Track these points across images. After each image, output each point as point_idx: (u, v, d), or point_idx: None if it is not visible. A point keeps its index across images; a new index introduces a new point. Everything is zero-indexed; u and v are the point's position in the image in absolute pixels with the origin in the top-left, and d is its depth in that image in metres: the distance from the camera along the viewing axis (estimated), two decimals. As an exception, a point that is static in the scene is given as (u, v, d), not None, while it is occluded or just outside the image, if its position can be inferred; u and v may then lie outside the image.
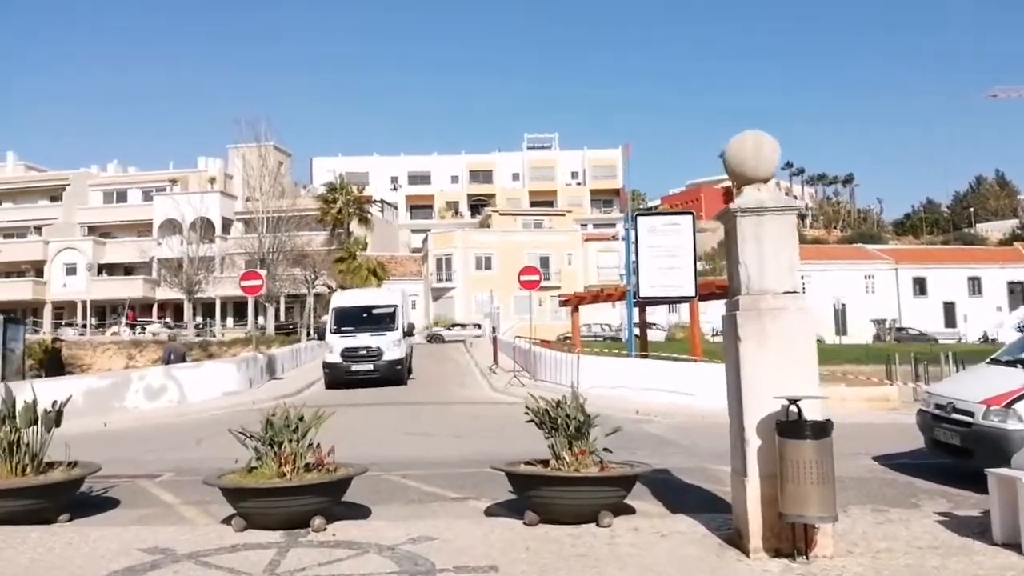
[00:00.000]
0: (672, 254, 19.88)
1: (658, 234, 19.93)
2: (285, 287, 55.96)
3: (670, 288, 19.89)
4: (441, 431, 14.50)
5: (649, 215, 20.16)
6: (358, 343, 23.45)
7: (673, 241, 19.91)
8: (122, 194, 74.16)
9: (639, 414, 16.74)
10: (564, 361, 19.53)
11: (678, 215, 20.16)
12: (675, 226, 19.98)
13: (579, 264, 65.05)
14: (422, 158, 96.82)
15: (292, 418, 7.29)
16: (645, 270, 19.86)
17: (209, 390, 19.71)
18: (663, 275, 19.87)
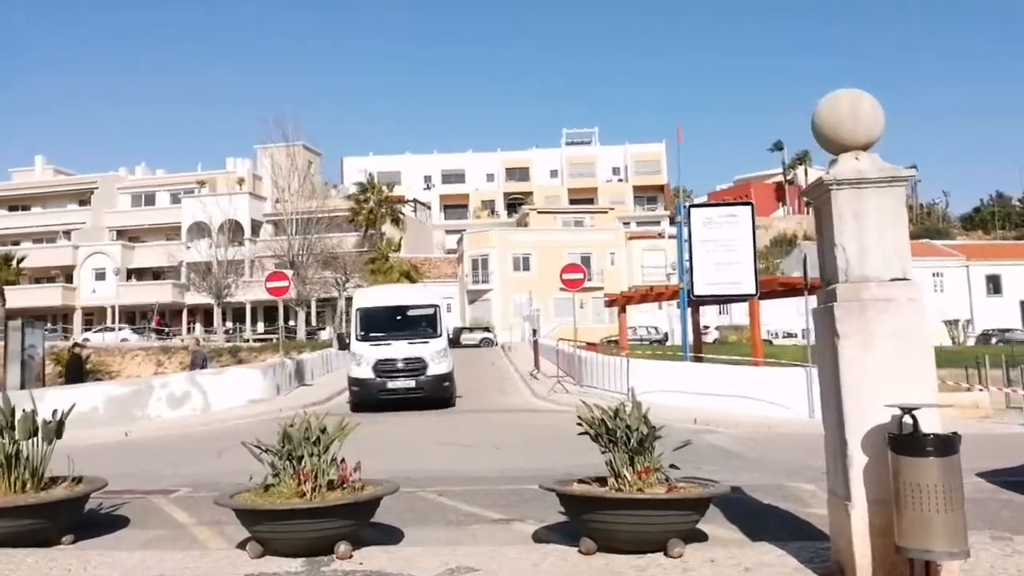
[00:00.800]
0: (729, 248, 19.03)
1: (714, 227, 19.08)
2: (316, 290, 55.78)
3: (728, 285, 19.04)
4: (480, 442, 13.78)
5: (703, 207, 19.25)
6: (395, 353, 19.18)
7: (730, 234, 19.06)
8: (150, 197, 74.78)
9: (698, 423, 15.88)
10: (612, 365, 18.72)
11: (736, 206, 19.28)
12: (732, 218, 19.12)
13: (623, 264, 64.01)
14: (456, 156, 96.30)
15: (313, 429, 6.60)
16: (700, 266, 19.01)
17: (234, 397, 19.23)
18: (720, 271, 19.03)
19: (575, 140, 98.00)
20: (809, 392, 16.56)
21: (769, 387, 17.04)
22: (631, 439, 6.48)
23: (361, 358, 19.44)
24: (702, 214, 19.21)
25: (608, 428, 6.58)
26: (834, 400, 5.51)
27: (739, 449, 12.67)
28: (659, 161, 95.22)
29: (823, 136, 5.78)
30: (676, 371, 18.40)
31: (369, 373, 19.09)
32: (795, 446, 13.27)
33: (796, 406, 16.63)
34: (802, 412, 16.55)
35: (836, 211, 5.61)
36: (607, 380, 18.96)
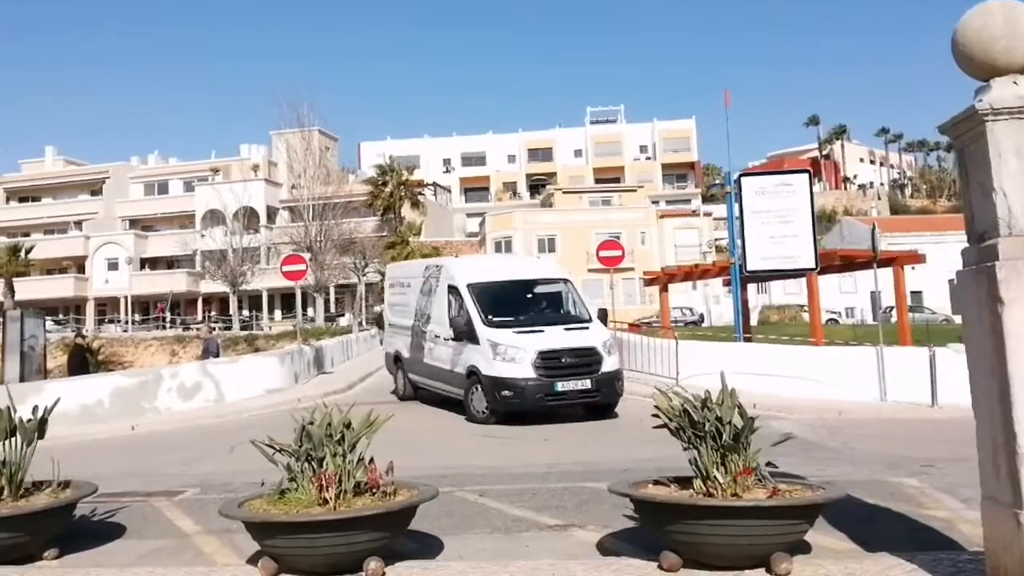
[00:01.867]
0: (785, 219, 17.88)
1: (767, 196, 17.93)
2: (334, 276, 55.03)
3: (784, 259, 17.90)
4: (523, 433, 12.76)
5: (755, 175, 18.10)
6: (558, 342, 14.39)
7: (785, 204, 17.91)
8: (163, 186, 74.39)
9: (758, 408, 14.75)
10: (658, 348, 17.61)
11: (791, 174, 18.13)
12: (787, 187, 17.96)
13: (654, 243, 62.55)
14: (476, 138, 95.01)
15: (336, 424, 5.61)
16: (753, 239, 17.86)
17: (249, 387, 18.36)
18: (775, 245, 17.89)
19: (600, 119, 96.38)
20: (880, 374, 15.43)
21: (833, 369, 15.89)
22: (723, 433, 5.43)
23: (509, 350, 14.15)
24: (754, 183, 18.03)
25: (694, 420, 5.54)
26: (996, 383, 4.43)
27: (815, 438, 11.56)
28: (688, 138, 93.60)
29: (969, 57, 4.68)
30: (729, 353, 17.22)
31: (529, 372, 13.91)
32: (878, 434, 12.19)
33: (865, 389, 15.50)
34: (872, 395, 15.43)
35: (993, 148, 4.52)
36: (652, 364, 17.87)
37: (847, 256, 19.78)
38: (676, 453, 11.39)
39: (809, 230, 17.84)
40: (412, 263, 25.22)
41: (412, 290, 17.65)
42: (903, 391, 15.21)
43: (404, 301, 18.02)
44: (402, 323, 17.93)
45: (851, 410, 14.54)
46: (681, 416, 5.62)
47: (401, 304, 18.24)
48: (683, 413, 5.61)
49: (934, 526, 6.59)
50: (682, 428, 5.62)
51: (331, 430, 5.52)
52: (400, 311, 18.26)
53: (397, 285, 18.96)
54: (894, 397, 15.29)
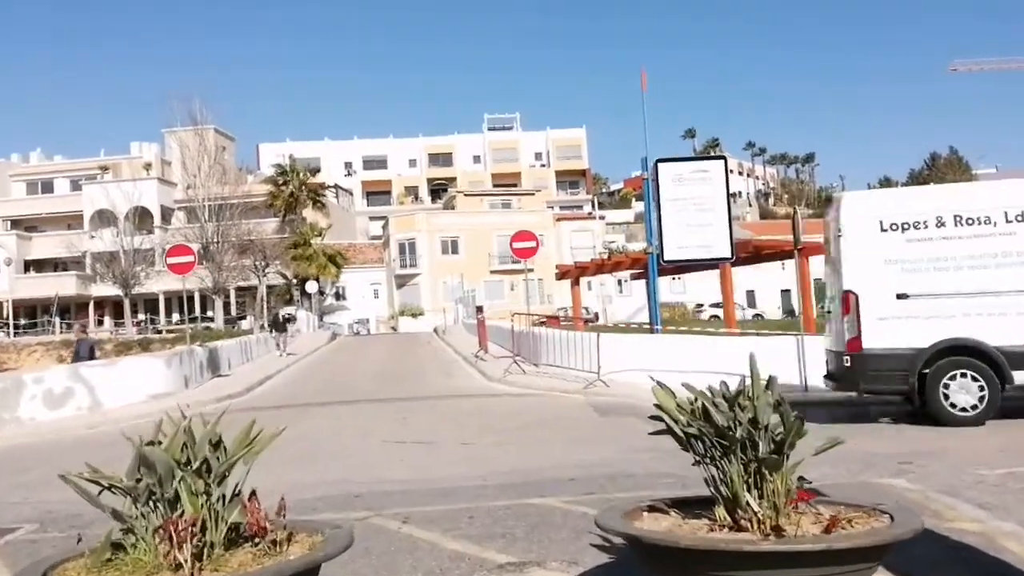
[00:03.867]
0: (702, 207, 16.52)
1: (684, 184, 16.54)
2: (233, 278, 51.62)
3: (701, 249, 16.53)
4: (441, 436, 10.84)
5: (673, 161, 16.66)
6: None
7: (703, 192, 16.55)
8: (47, 184, 68.91)
9: (683, 404, 13.31)
10: (577, 342, 15.95)
11: (708, 160, 16.86)
12: (703, 174, 16.61)
13: (551, 245, 61.39)
14: (377, 142, 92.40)
15: (200, 443, 3.59)
16: (670, 228, 16.43)
17: (130, 393, 15.81)
18: (691, 233, 16.50)
19: (497, 126, 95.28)
20: (800, 362, 14.28)
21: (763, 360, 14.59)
22: (759, 442, 3.68)
23: None
24: (671, 170, 16.59)
25: (717, 425, 3.76)
26: None
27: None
28: (580, 146, 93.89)
29: None
30: (651, 346, 15.78)
31: None
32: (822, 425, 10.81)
33: (787, 378, 14.28)
34: (795, 384, 14.25)
35: None
36: (570, 358, 16.22)
37: (764, 245, 18.63)
38: (619, 454, 9.32)
39: (725, 219, 16.57)
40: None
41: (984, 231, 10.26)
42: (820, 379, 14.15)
43: (953, 253, 10.34)
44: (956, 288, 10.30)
45: (805, 401, 13.26)
46: (699, 418, 3.83)
47: (943, 258, 10.36)
48: (701, 414, 3.84)
49: (972, 543, 5.07)
50: (698, 437, 3.84)
51: (189, 453, 3.51)
52: (936, 269, 10.37)
53: (921, 225, 10.50)
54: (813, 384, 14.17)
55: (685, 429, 3.94)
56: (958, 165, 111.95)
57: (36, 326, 60.18)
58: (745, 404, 3.77)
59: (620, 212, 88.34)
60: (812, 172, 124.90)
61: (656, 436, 4.14)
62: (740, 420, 3.73)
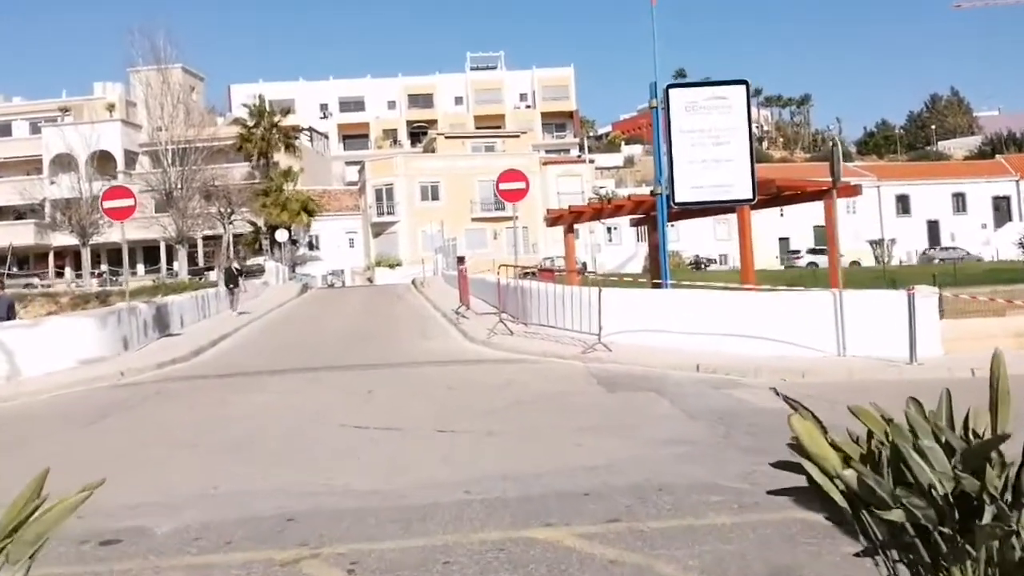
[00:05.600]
0: (719, 140, 14.47)
1: (699, 113, 14.45)
2: (198, 226, 49.19)
3: (718, 189, 14.50)
4: (412, 418, 8.88)
5: (685, 86, 14.56)
6: None
7: (720, 122, 14.48)
8: (5, 127, 65.38)
9: (703, 370, 11.48)
10: (573, 298, 13.99)
11: (727, 85, 14.60)
12: (722, 101, 14.50)
13: (537, 191, 59.07)
14: (354, 82, 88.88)
15: None
16: (682, 165, 14.38)
17: (58, 358, 13.74)
18: (707, 171, 14.46)
19: (480, 65, 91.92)
20: (839, 324, 12.33)
21: (779, 319, 12.72)
22: None
23: None
24: (684, 97, 14.45)
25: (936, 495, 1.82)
26: None
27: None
28: (567, 87, 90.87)
29: None
30: (660, 303, 13.84)
31: None
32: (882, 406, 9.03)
33: (817, 343, 12.41)
34: (828, 350, 12.33)
35: None
36: (565, 317, 14.28)
37: (791, 185, 16.60)
38: (639, 450, 7.15)
39: (746, 154, 14.51)
40: None
41: None
42: (863, 343, 12.19)
43: None
44: None
45: (814, 370, 11.40)
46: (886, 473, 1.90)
47: None
48: (890, 464, 1.91)
49: None
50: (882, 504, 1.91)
51: None
52: None
53: None
54: (853, 351, 12.24)
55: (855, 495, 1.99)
56: (959, 107, 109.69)
57: (-6, 277, 57.68)
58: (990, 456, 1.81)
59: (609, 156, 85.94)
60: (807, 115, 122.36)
61: (678, 421, 2.39)
62: (991, 486, 1.78)
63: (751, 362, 11.82)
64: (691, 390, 10.03)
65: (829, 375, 11.17)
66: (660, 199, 14.65)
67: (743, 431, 7.59)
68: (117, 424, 9.41)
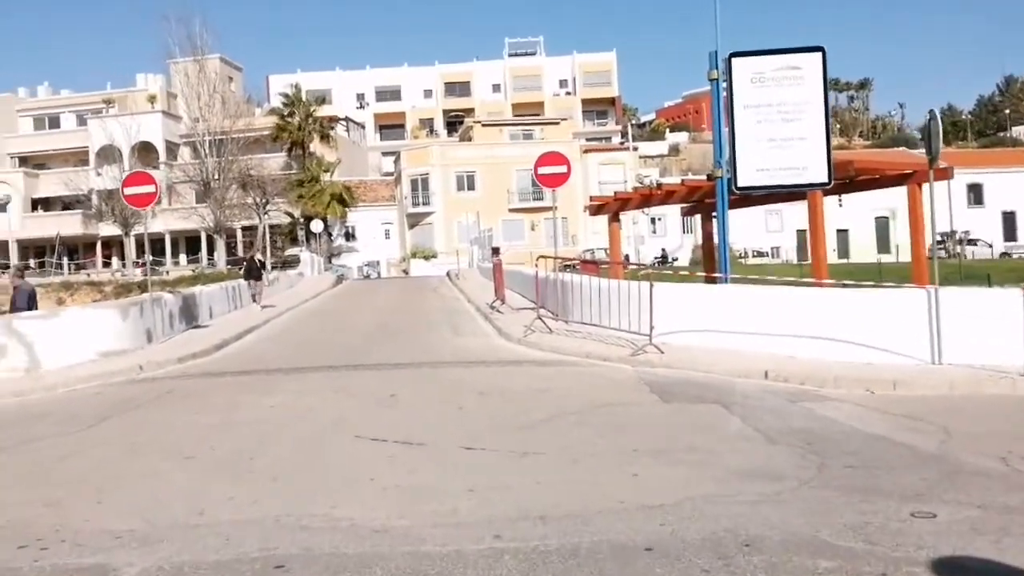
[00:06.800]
0: (789, 116, 12.80)
1: (767, 86, 12.78)
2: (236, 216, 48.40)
3: (787, 172, 12.83)
4: (436, 431, 7.41)
5: (751, 55, 12.85)
6: None
7: (791, 95, 12.80)
8: (54, 119, 65.63)
9: (772, 378, 9.87)
10: (621, 293, 12.42)
11: (800, 52, 12.90)
12: (794, 72, 12.81)
13: (578, 180, 57.30)
14: (391, 71, 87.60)
15: None
16: (747, 144, 12.73)
17: (78, 350, 12.75)
18: (776, 152, 12.79)
19: (519, 51, 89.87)
20: (933, 327, 10.55)
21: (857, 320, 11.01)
22: None
23: None
24: (749, 67, 12.76)
25: None
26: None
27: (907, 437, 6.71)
28: (609, 72, 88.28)
29: None
30: (718, 301, 12.21)
31: None
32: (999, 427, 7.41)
33: (906, 347, 10.67)
34: (919, 356, 10.58)
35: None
36: (610, 314, 12.70)
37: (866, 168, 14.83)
38: (710, 484, 5.30)
39: (821, 131, 12.81)
40: None
41: None
42: (962, 349, 10.39)
43: None
44: None
45: (906, 380, 9.65)
46: None
47: None
48: None
49: None
50: None
51: None
52: None
53: None
54: (950, 358, 10.46)
55: None
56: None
57: (43, 266, 57.70)
58: None
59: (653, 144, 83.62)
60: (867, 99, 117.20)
61: (755, 445, 1.30)
62: None
63: (828, 369, 10.19)
64: (763, 403, 8.45)
65: (925, 387, 9.48)
66: (720, 183, 13.01)
67: (840, 462, 6.02)
68: (117, 427, 8.45)
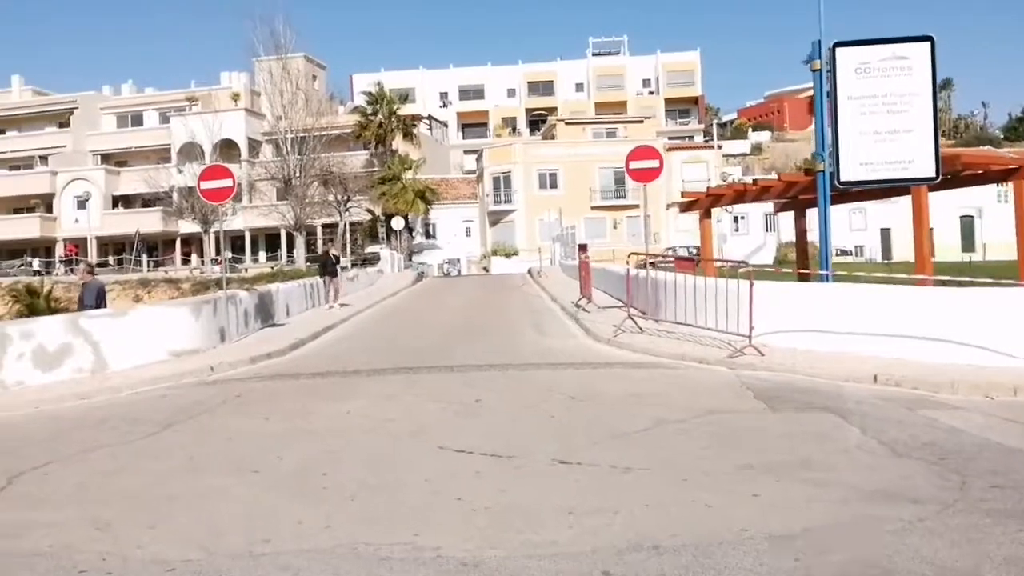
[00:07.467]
0: (895, 109, 12.23)
1: (872, 77, 12.25)
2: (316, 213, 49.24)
3: (894, 166, 12.26)
4: (526, 440, 7.19)
5: (855, 45, 12.32)
6: None
7: (898, 87, 12.23)
8: (137, 117, 67.63)
9: (881, 382, 9.38)
10: (718, 292, 12.06)
11: (908, 42, 12.31)
12: (901, 62, 12.24)
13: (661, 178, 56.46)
14: (474, 70, 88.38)
15: None
16: (851, 137, 12.21)
17: (147, 349, 12.80)
18: (881, 145, 12.24)
19: (602, 51, 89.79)
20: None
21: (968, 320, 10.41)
22: None
23: None
24: (854, 57, 12.24)
25: None
26: None
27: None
28: (693, 71, 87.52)
29: None
30: (820, 299, 11.72)
31: None
32: None
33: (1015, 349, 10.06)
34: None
35: None
36: (704, 314, 12.34)
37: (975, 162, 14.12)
38: (838, 506, 5.01)
39: (929, 124, 12.21)
40: None
41: None
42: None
43: None
44: None
45: (1025, 385, 9.09)
46: None
47: None
48: None
49: None
50: None
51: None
52: None
53: None
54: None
55: None
56: None
57: (122, 263, 59.72)
58: None
59: (735, 143, 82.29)
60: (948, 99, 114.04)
61: (880, 460, 1.34)
62: None
63: (941, 372, 9.64)
64: (879, 411, 7.99)
65: (1046, 393, 8.88)
66: (821, 177, 12.51)
67: (984, 481, 5.56)
68: (179, 436, 8.04)
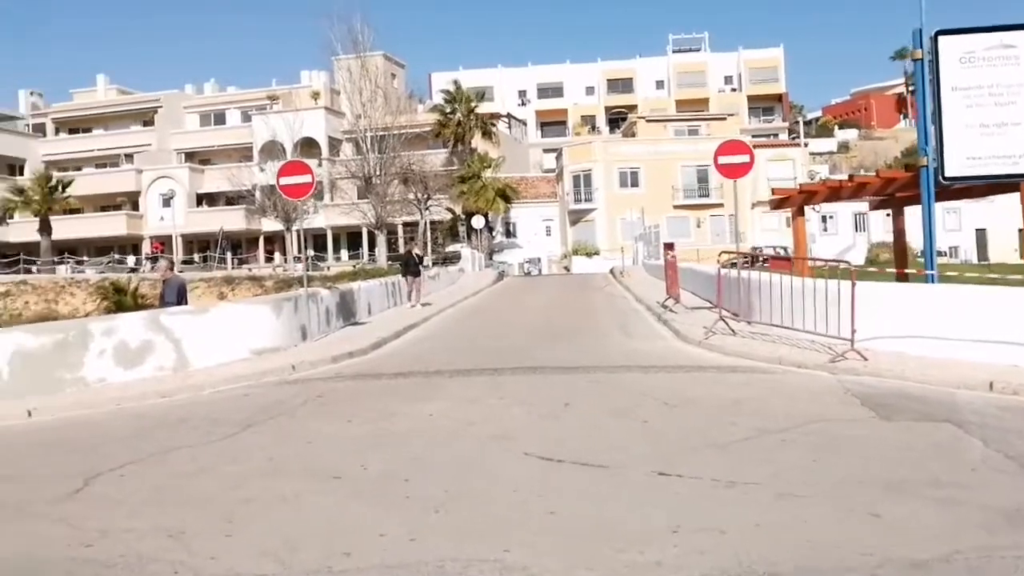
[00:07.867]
0: (1003, 100, 11.63)
1: (977, 66, 11.66)
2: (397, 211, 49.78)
3: (1004, 160, 11.65)
4: (618, 448, 6.93)
5: (960, 33, 11.74)
6: None
7: (1005, 77, 11.62)
8: (220, 116, 69.52)
9: (998, 390, 8.89)
10: (816, 293, 11.59)
11: (1015, 30, 11.66)
12: (1008, 50, 11.62)
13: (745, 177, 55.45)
14: (553, 68, 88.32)
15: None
16: (954, 130, 11.64)
17: (228, 347, 12.98)
18: (988, 139, 11.64)
19: (683, 47, 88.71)
20: None
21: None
22: None
23: None
24: (959, 46, 11.67)
25: None
26: None
27: None
28: (776, 68, 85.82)
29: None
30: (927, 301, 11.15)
31: None
32: None
33: None
34: None
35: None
36: (803, 316, 11.88)
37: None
38: (982, 533, 4.60)
39: (1044, 115, 11.54)
40: None
41: None
42: None
43: None
44: None
45: None
46: None
47: None
48: None
49: None
50: None
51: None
52: None
53: None
54: None
55: None
56: None
57: (206, 260, 61.40)
58: None
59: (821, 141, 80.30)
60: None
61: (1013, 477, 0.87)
62: None
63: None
64: (1002, 422, 7.52)
65: None
66: (924, 172, 11.96)
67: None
68: (259, 437, 7.96)
